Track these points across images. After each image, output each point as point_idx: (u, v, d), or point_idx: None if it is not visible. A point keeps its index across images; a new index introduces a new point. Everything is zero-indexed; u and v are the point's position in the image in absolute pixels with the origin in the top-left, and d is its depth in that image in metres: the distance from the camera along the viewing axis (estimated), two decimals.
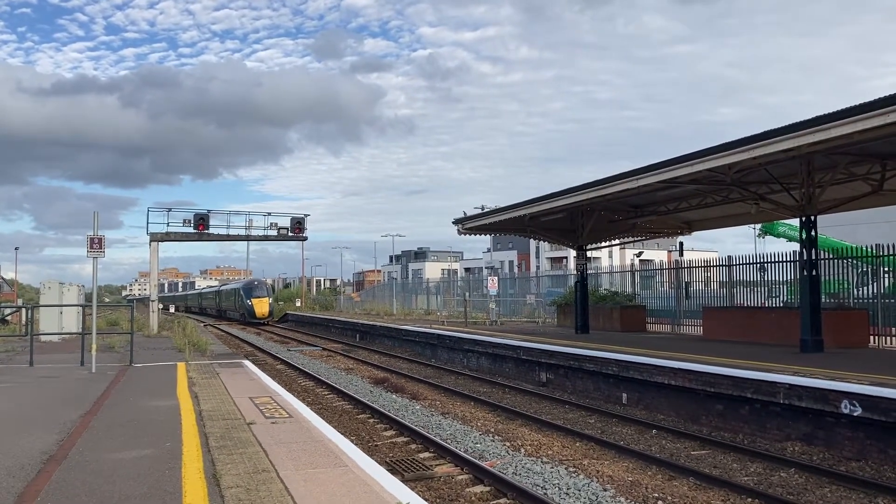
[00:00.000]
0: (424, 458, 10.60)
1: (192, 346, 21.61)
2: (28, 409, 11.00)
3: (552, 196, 19.66)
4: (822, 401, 10.83)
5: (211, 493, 6.07)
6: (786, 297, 23.17)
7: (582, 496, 8.53)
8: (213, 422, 9.41)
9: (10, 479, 6.65)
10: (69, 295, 27.50)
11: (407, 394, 17.04)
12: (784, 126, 12.29)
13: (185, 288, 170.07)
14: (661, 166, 15.21)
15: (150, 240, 34.18)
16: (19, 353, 20.71)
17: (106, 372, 15.50)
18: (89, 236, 15.73)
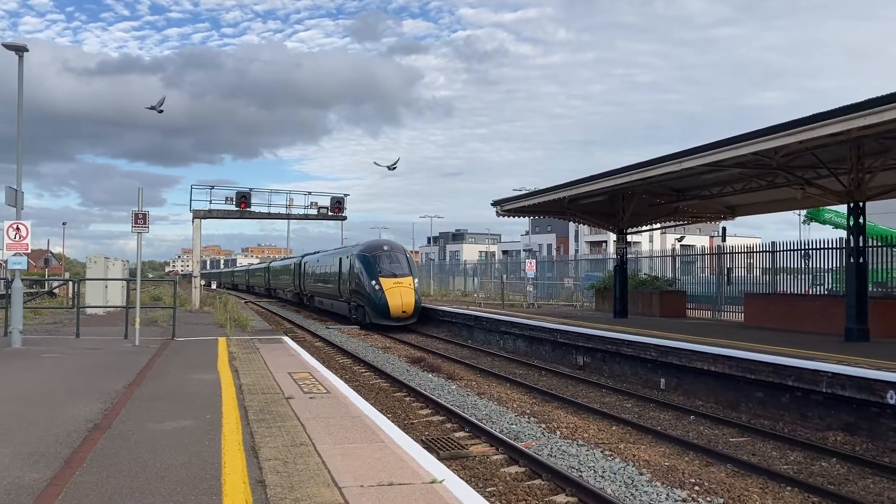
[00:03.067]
0: (460, 437, 10.65)
1: (232, 322, 21.94)
2: (74, 379, 11.28)
3: (593, 178, 19.45)
4: (867, 390, 10.61)
5: (249, 464, 6.17)
6: (831, 285, 22.68)
7: (617, 479, 8.50)
8: (253, 395, 9.55)
9: (58, 445, 6.84)
10: (114, 269, 28.12)
11: (443, 373, 17.11)
12: (834, 109, 11.97)
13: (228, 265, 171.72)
14: (705, 149, 14.94)
15: (193, 217, 34.69)
16: (66, 325, 21.23)
17: (149, 345, 15.82)
18: (134, 212, 16.01)
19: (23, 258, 15.83)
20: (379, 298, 29.20)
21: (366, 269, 30.26)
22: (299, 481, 5.68)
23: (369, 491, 5.46)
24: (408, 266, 31.01)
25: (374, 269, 30.01)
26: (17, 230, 15.37)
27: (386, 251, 31.50)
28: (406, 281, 29.77)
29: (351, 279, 31.99)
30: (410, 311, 29.39)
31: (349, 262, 32.48)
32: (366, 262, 30.64)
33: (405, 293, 29.34)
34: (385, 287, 29.24)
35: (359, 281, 30.75)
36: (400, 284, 29.43)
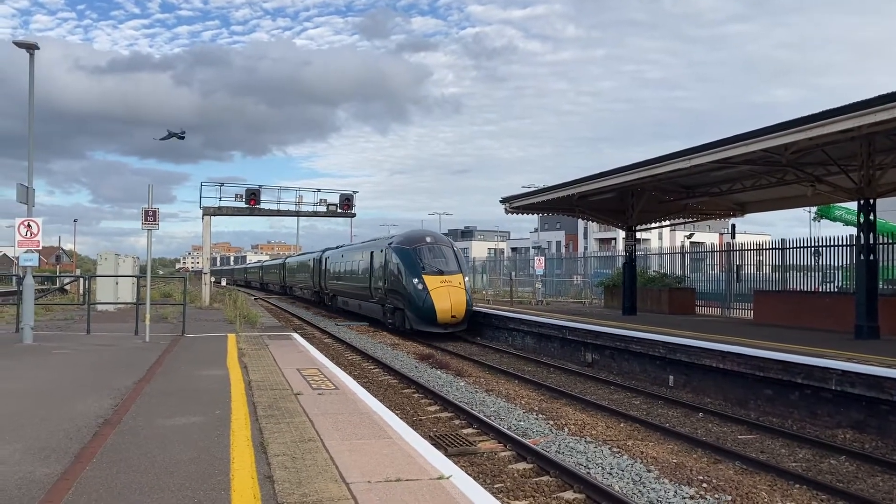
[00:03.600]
0: (468, 433, 10.67)
1: (242, 319, 22.04)
2: (85, 375, 11.36)
3: (602, 175, 19.41)
4: (877, 388, 10.57)
5: (258, 459, 6.21)
6: (841, 283, 22.58)
7: (625, 476, 8.49)
8: (262, 391, 9.60)
9: (68, 440, 6.89)
10: (124, 266, 28.26)
11: (451, 370, 17.13)
12: (844, 105, 11.91)
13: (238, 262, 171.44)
14: (714, 146, 14.89)
15: (203, 214, 34.82)
16: (77, 321, 21.37)
17: (159, 341, 15.91)
18: (144, 209, 16.09)
19: (34, 255, 15.93)
20: (423, 300, 24.17)
21: (406, 265, 25.33)
22: (307, 477, 5.72)
23: (377, 486, 5.49)
24: (456, 261, 26.01)
25: (416, 264, 25.08)
26: (28, 227, 15.47)
27: (429, 243, 26.21)
28: (455, 279, 24.78)
29: (386, 277, 27.06)
30: (461, 316, 24.51)
31: (383, 256, 27.58)
32: (405, 256, 25.69)
33: (455, 294, 24.38)
34: (430, 287, 24.20)
35: (396, 279, 25.85)
36: (448, 283, 24.43)
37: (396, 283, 25.90)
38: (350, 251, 35.78)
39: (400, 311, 25.96)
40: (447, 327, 24.40)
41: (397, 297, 26.03)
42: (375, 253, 29.35)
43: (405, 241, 26.91)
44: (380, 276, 28.09)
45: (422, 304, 24.23)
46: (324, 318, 35.06)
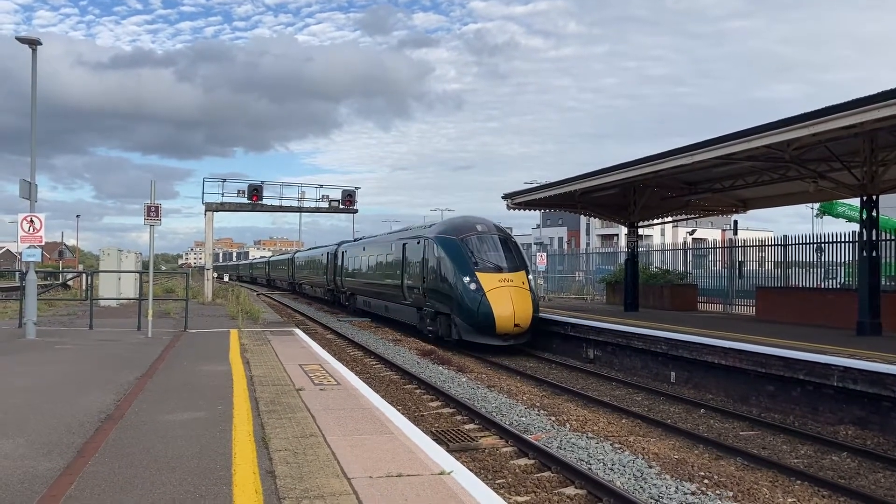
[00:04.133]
0: (469, 429, 10.68)
1: (244, 315, 22.07)
2: (87, 370, 11.38)
3: (604, 171, 19.39)
4: (879, 384, 10.56)
5: (260, 455, 6.22)
6: (843, 279, 22.55)
7: (626, 472, 8.50)
8: (264, 387, 9.61)
9: (71, 435, 6.91)
10: (127, 262, 28.31)
11: (453, 366, 17.14)
12: (847, 101, 11.87)
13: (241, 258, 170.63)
14: (716, 142, 14.86)
15: (206, 209, 34.81)
16: (80, 316, 21.41)
17: (161, 337, 15.93)
18: (146, 204, 16.11)
19: (37, 250, 15.96)
20: (477, 304, 19.45)
21: (453, 260, 20.65)
22: (309, 472, 5.73)
23: (378, 482, 5.50)
24: (516, 255, 21.29)
25: (467, 259, 20.48)
26: (31, 223, 15.49)
27: (481, 233, 21.52)
28: (517, 277, 20.21)
29: (426, 274, 22.44)
30: (526, 325, 19.72)
31: (421, 249, 23.03)
32: (452, 249, 21.00)
33: (518, 297, 19.66)
34: (486, 287, 19.57)
35: (440, 277, 21.28)
36: (509, 283, 19.86)
37: (440, 282, 21.25)
38: (374, 244, 31.23)
39: (444, 317, 21.24)
40: (507, 338, 19.60)
41: (441, 299, 21.25)
42: (410, 245, 24.74)
43: (450, 229, 22.10)
44: (416, 274, 23.41)
45: (475, 309, 19.42)
46: (326, 314, 35.09)
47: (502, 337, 19.53)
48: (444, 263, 21.03)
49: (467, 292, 19.72)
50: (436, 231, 22.71)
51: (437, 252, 21.62)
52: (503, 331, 19.37)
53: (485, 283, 19.69)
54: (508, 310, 19.29)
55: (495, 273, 20.14)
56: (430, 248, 22.18)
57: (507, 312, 19.26)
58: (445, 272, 20.92)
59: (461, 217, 24.27)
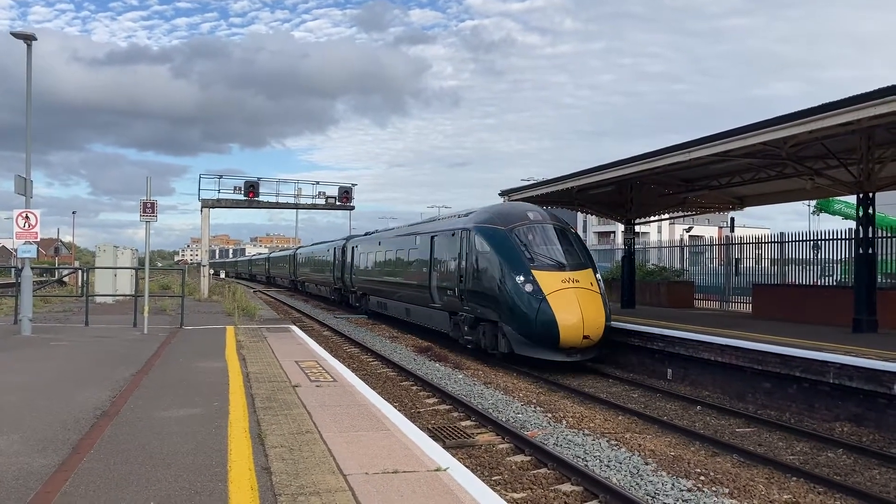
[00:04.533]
0: (466, 426, 10.68)
1: (240, 311, 22.04)
2: (83, 366, 11.36)
3: (601, 168, 19.38)
4: (875, 381, 10.58)
5: (255, 451, 6.21)
6: (840, 277, 22.59)
7: (623, 469, 8.51)
8: (260, 384, 9.60)
9: (66, 431, 6.89)
10: (123, 258, 28.25)
11: (450, 363, 17.13)
12: (844, 98, 11.88)
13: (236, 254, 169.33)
14: (713, 139, 14.85)
15: (202, 206, 34.77)
16: (75, 313, 21.37)
17: (157, 333, 15.91)
18: (142, 201, 16.07)
19: (32, 246, 15.92)
20: (535, 310, 15.63)
21: (501, 256, 16.81)
22: (305, 468, 5.72)
23: (374, 478, 5.49)
24: (579, 250, 17.62)
25: (519, 254, 16.61)
26: (26, 218, 15.45)
27: (534, 222, 17.58)
28: (584, 277, 16.41)
29: (464, 273, 18.55)
30: (597, 337, 15.94)
31: (458, 242, 19.13)
32: (499, 241, 17.14)
33: (588, 301, 15.91)
34: (547, 289, 15.77)
35: (484, 275, 17.41)
36: (574, 284, 16.04)
37: (484, 282, 17.39)
38: (393, 238, 27.61)
39: (488, 326, 17.50)
40: (573, 353, 15.84)
41: (485, 303, 17.38)
42: (441, 239, 20.97)
43: (495, 218, 18.15)
44: (450, 272, 19.68)
45: (532, 316, 15.60)
46: (323, 312, 35.07)
47: (566, 351, 15.69)
48: (490, 260, 17.14)
49: (521, 295, 15.87)
50: (476, 220, 18.63)
51: (479, 246, 17.73)
52: (569, 343, 15.53)
53: (544, 283, 15.82)
54: (575, 317, 15.47)
55: (556, 271, 16.27)
56: (470, 242, 18.23)
57: (573, 321, 15.43)
58: (491, 270, 17.04)
59: (506, 203, 20.91)
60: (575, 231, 19.00)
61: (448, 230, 20.52)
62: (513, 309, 16.08)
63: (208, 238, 37.14)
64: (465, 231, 18.82)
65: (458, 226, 19.67)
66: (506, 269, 16.48)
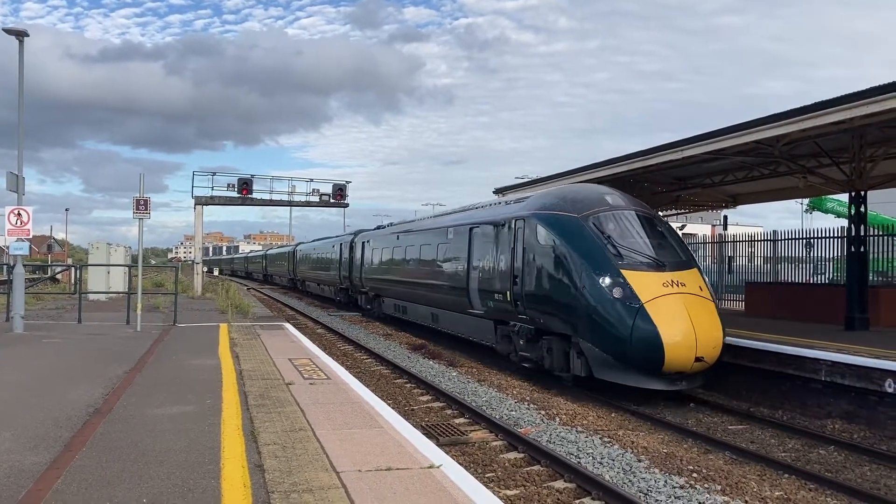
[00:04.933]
0: (459, 423, 10.70)
1: (234, 309, 22.00)
2: (75, 364, 11.33)
3: (594, 166, 19.41)
4: (866, 379, 10.64)
5: (248, 448, 6.21)
6: (832, 275, 22.68)
7: (616, 466, 8.53)
8: (253, 381, 9.59)
9: (58, 429, 6.88)
10: (116, 256, 28.17)
11: (444, 360, 17.15)
12: (836, 97, 11.93)
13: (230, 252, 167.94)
14: (706, 137, 14.89)
15: (195, 203, 34.67)
16: (68, 310, 21.30)
17: (150, 331, 15.87)
18: (135, 198, 16.02)
19: (24, 244, 15.85)
20: (629, 323, 11.95)
21: (576, 251, 13.11)
22: (298, 466, 5.72)
23: (367, 476, 5.50)
24: (675, 244, 13.82)
25: (601, 249, 12.89)
26: (18, 215, 15.39)
27: (615, 207, 13.90)
28: (690, 279, 12.78)
29: (520, 272, 14.62)
30: (713, 358, 12.22)
31: (510, 234, 15.25)
32: (572, 233, 13.41)
33: (700, 311, 12.29)
34: (645, 294, 12.16)
35: (553, 276, 13.62)
36: (679, 288, 12.41)
37: (551, 283, 13.56)
38: (417, 231, 23.26)
39: (557, 341, 13.55)
40: (677, 381, 12.08)
41: (552, 310, 13.51)
42: (484, 231, 16.97)
43: (563, 203, 14.14)
44: (499, 272, 15.64)
45: (626, 330, 11.84)
46: (317, 309, 35.04)
47: (669, 378, 11.96)
48: (560, 256, 13.29)
49: (608, 303, 12.10)
50: (536, 207, 14.82)
51: (543, 238, 13.88)
52: (676, 367, 11.74)
53: (640, 288, 12.07)
54: (686, 333, 11.72)
55: (654, 272, 12.47)
56: (530, 233, 14.35)
57: (683, 337, 11.68)
58: (562, 269, 13.19)
59: (573, 186, 16.85)
60: (666, 221, 15.74)
61: (495, 220, 16.47)
62: (596, 320, 12.23)
63: (202, 235, 37.06)
64: (520, 221, 14.86)
65: (510, 214, 15.69)
66: (584, 269, 12.66)
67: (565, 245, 13.30)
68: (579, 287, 12.70)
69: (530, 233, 14.43)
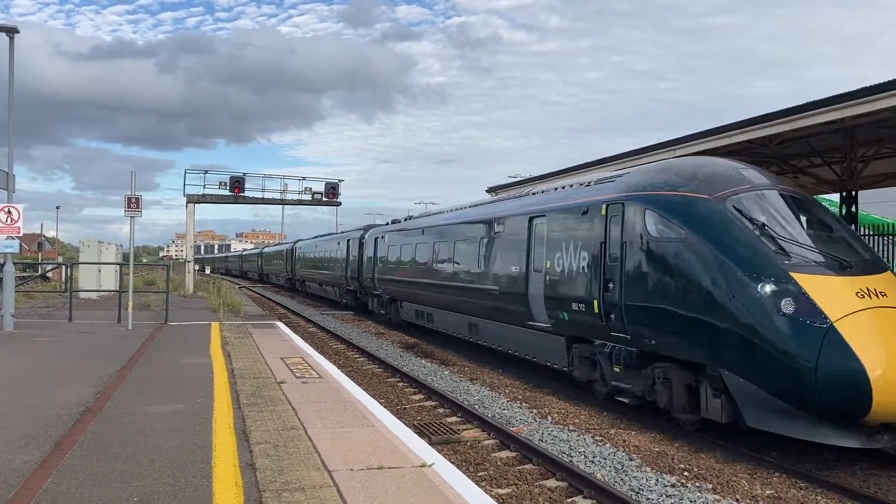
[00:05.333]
0: (452, 422, 10.69)
1: (226, 307, 21.96)
2: (66, 362, 11.28)
3: (587, 166, 19.46)
4: None
5: (240, 447, 6.19)
6: None
7: (608, 464, 8.55)
8: (245, 380, 9.57)
9: (49, 427, 6.85)
10: (107, 254, 28.07)
11: (436, 359, 17.14)
12: (827, 97, 11.99)
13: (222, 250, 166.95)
14: (697, 137, 14.95)
15: (187, 201, 34.60)
16: (59, 308, 21.21)
17: (142, 329, 15.82)
18: (127, 196, 15.98)
19: (15, 241, 15.78)
20: (815, 350, 8.10)
21: (718, 245, 9.29)
22: (289, 465, 5.71)
23: (359, 474, 5.49)
24: (851, 238, 10.04)
25: (754, 241, 9.12)
26: (8, 213, 15.32)
27: (760, 186, 10.14)
28: (890, 287, 8.84)
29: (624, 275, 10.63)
30: None
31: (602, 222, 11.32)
32: (708, 220, 9.62)
33: None
34: (834, 309, 8.29)
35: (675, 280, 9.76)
36: (880, 298, 8.55)
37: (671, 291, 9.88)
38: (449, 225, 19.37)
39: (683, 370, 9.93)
40: (881, 435, 8.38)
41: (673, 327, 9.82)
42: (555, 219, 13.12)
43: (686, 181, 10.43)
44: (581, 272, 11.88)
45: (808, 361, 8.16)
46: (309, 308, 34.99)
47: (868, 430, 8.31)
48: (688, 252, 9.64)
49: (773, 320, 8.55)
50: (640, 187, 10.91)
51: (656, 228, 10.21)
52: (885, 416, 8.10)
53: (823, 298, 8.50)
54: None
55: (839, 276, 8.84)
56: (632, 222, 10.60)
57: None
58: (693, 271, 9.54)
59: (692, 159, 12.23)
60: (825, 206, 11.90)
61: (571, 206, 12.54)
62: (754, 345, 8.63)
63: (193, 234, 36.98)
64: (615, 205, 10.98)
65: (597, 198, 11.72)
66: (731, 270, 9.05)
67: (696, 237, 9.55)
68: (724, 296, 8.97)
69: (634, 221, 10.48)
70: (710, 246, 9.36)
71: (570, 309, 12.14)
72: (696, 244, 9.53)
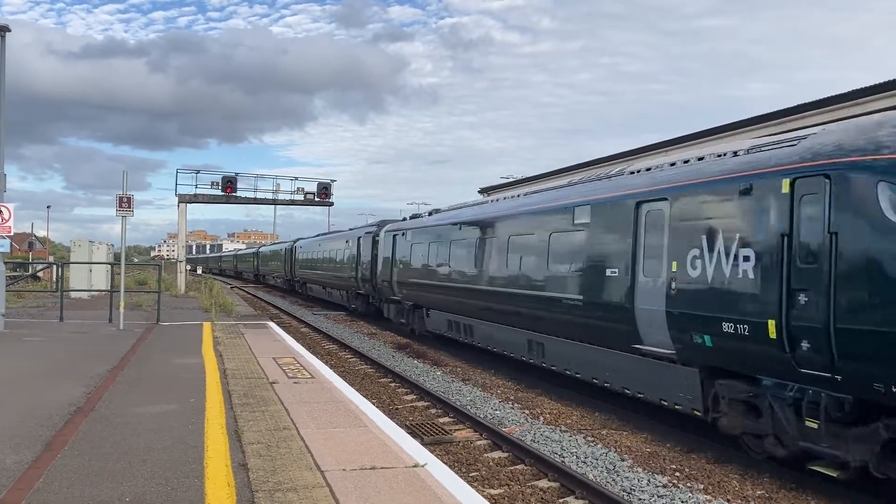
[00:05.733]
0: (444, 422, 10.70)
1: (218, 307, 21.92)
2: (57, 362, 11.24)
3: (579, 167, 19.53)
4: None
5: (232, 447, 6.19)
6: None
7: (599, 465, 8.57)
8: (237, 380, 9.56)
9: (40, 428, 6.82)
10: (98, 253, 27.99)
11: (429, 360, 17.14)
12: (815, 101, 12.08)
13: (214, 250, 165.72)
14: (689, 139, 15.02)
15: (179, 201, 34.52)
16: (50, 308, 21.13)
17: (133, 329, 15.77)
18: (118, 195, 15.94)
19: (5, 241, 15.71)
20: None
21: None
22: (282, 465, 5.71)
23: (351, 475, 5.50)
24: None
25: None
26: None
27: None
28: None
29: (836, 286, 6.75)
30: None
31: (774, 210, 7.59)
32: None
33: None
34: None
35: None
36: None
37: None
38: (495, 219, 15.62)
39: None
40: None
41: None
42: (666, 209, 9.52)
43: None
44: (735, 279, 8.14)
45: None
46: (300, 308, 34.92)
47: None
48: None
49: None
50: (862, 148, 6.97)
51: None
52: None
53: None
54: None
55: None
56: (851, 202, 6.91)
57: None
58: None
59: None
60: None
61: (720, 182, 8.71)
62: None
63: (185, 233, 36.90)
64: (812, 178, 7.33)
65: (769, 167, 7.97)
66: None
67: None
68: None
69: (854, 200, 6.90)
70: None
71: (716, 331, 8.42)
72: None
